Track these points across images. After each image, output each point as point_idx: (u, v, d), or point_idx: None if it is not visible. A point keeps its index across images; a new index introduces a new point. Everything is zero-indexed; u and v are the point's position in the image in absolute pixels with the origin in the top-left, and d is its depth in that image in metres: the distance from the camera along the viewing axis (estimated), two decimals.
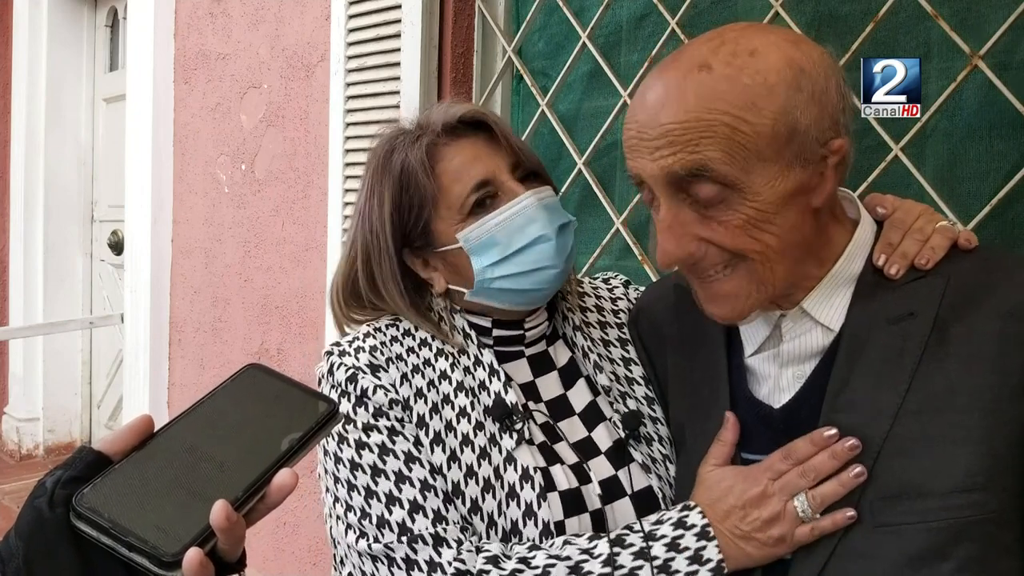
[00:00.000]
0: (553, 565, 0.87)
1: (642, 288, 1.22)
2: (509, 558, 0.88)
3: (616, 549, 0.87)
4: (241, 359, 2.87)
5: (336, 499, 0.95)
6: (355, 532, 0.92)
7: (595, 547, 0.88)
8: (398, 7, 2.16)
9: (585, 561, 0.87)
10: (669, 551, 0.86)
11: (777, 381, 0.91)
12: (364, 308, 1.08)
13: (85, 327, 4.06)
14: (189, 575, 0.54)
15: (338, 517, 0.95)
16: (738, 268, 0.82)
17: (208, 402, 0.65)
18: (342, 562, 0.97)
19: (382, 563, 0.90)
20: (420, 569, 0.88)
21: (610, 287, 1.21)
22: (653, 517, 0.91)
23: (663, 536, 0.87)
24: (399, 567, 0.89)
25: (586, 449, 1.01)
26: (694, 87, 0.78)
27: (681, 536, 0.86)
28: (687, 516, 0.88)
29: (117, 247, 3.94)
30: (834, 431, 0.82)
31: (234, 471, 0.59)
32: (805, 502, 0.82)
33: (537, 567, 0.87)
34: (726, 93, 0.77)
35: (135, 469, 0.59)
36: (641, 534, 0.88)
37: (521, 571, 0.87)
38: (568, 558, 0.87)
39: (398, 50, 2.17)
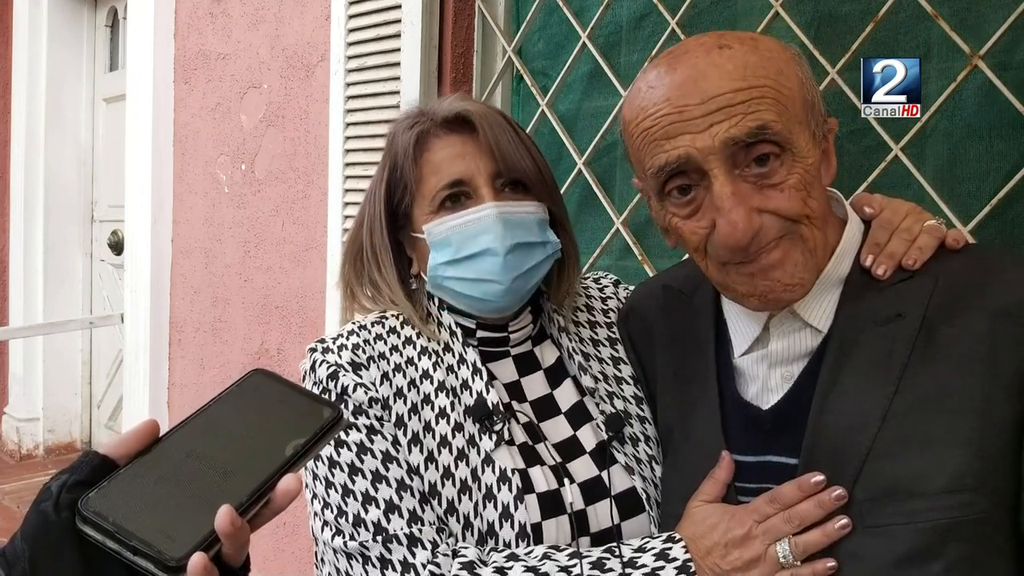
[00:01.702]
0: None
1: (632, 288, 1.22)
2: (486, 564, 0.88)
3: (595, 572, 0.87)
4: (241, 359, 2.87)
5: (314, 495, 0.96)
6: (331, 529, 0.93)
7: (574, 566, 0.87)
8: (398, 7, 2.16)
9: None
10: None
11: (766, 382, 0.91)
12: (373, 287, 1.09)
13: (85, 327, 4.06)
14: None
15: (315, 513, 0.95)
16: (788, 239, 0.82)
17: (213, 407, 0.65)
18: (322, 560, 0.97)
19: (357, 561, 0.91)
20: (394, 569, 0.88)
21: (600, 286, 1.22)
22: (636, 543, 0.91)
23: (643, 566, 0.87)
24: (373, 566, 0.89)
25: (570, 449, 1.01)
26: (727, 60, 0.79)
27: (661, 568, 0.86)
28: (670, 549, 0.88)
29: (117, 247, 3.94)
30: (821, 477, 0.81)
31: (239, 476, 0.59)
32: (787, 548, 0.82)
33: None
34: (760, 62, 0.80)
35: (140, 473, 0.59)
36: (621, 560, 0.88)
37: None
38: (545, 574, 0.87)
39: (398, 50, 2.17)
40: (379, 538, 0.89)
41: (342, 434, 0.94)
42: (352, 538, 0.91)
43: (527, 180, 1.04)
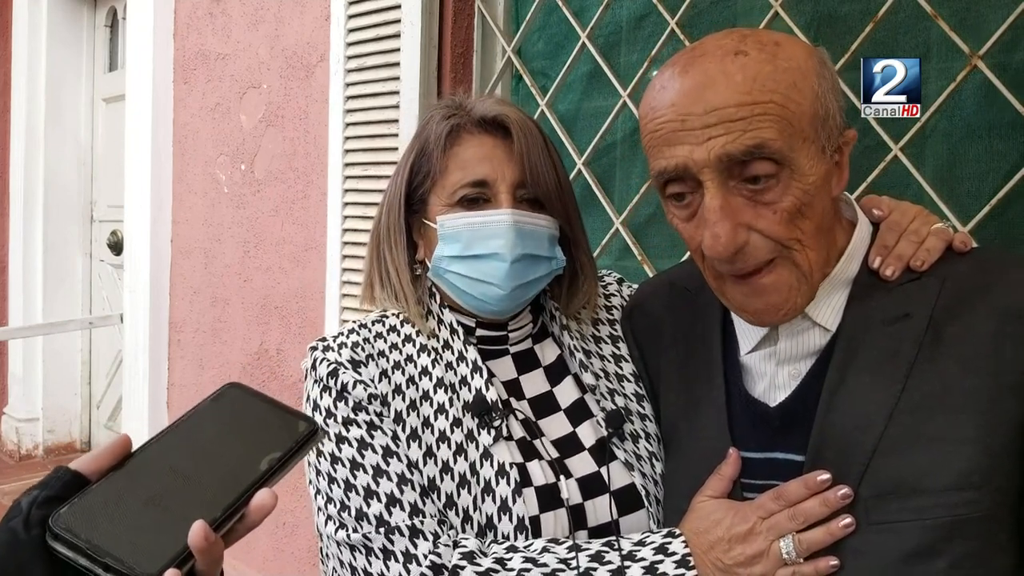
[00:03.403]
0: (528, 570, 0.88)
1: (635, 285, 1.23)
2: (486, 555, 0.89)
3: (594, 564, 0.88)
4: (241, 359, 2.87)
5: (317, 491, 0.97)
6: (335, 523, 0.94)
7: (573, 559, 0.88)
8: (398, 7, 2.16)
9: (561, 571, 0.88)
10: (646, 574, 0.87)
11: (773, 379, 0.91)
12: (385, 272, 1.11)
13: (84, 327, 4.06)
14: None
15: (319, 509, 0.97)
16: (781, 264, 0.82)
17: (187, 421, 0.64)
18: (326, 555, 0.98)
19: (360, 552, 0.92)
20: (396, 560, 0.90)
21: (604, 284, 1.22)
22: (636, 537, 0.91)
23: (642, 559, 0.88)
24: (376, 556, 0.91)
25: (569, 445, 1.02)
26: (740, 70, 0.78)
27: (660, 561, 0.87)
28: (670, 543, 0.89)
29: (116, 247, 3.94)
30: (827, 475, 0.82)
31: (213, 491, 0.59)
32: (791, 544, 0.83)
33: (513, 569, 0.88)
34: (772, 74, 0.78)
35: (112, 489, 0.58)
36: (620, 554, 0.89)
37: (496, 571, 0.88)
38: (544, 565, 0.88)
39: (398, 50, 2.17)
40: (382, 530, 0.91)
41: (343, 431, 0.95)
42: (355, 531, 0.92)
43: (547, 197, 1.05)
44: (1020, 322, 0.79)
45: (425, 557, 0.89)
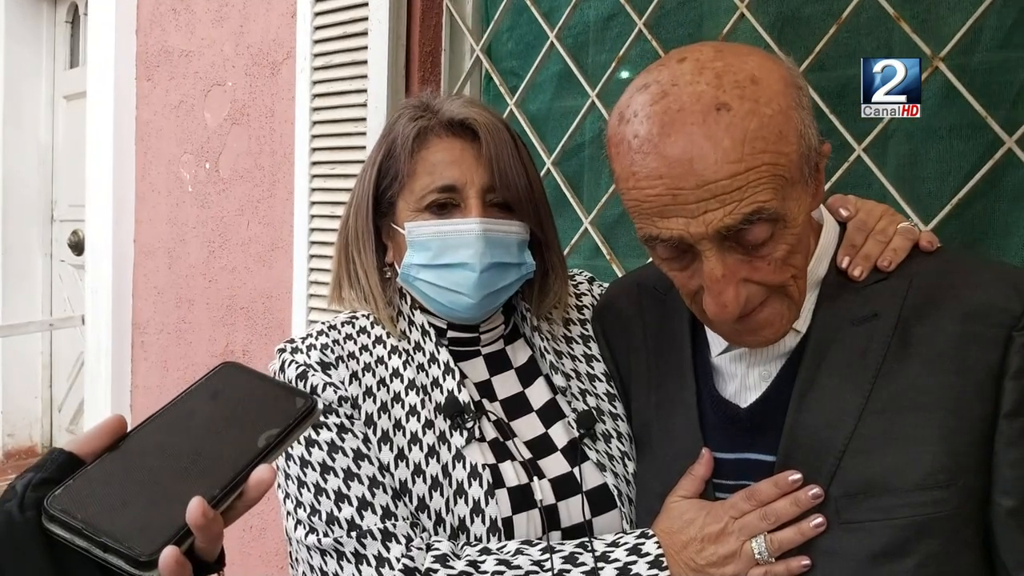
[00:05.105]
0: (502, 572, 0.88)
1: (606, 285, 1.23)
2: (459, 558, 0.89)
3: (567, 566, 0.88)
4: (206, 361, 2.83)
5: (287, 495, 0.96)
6: (305, 527, 0.93)
7: (547, 560, 0.88)
8: (365, 5, 2.14)
9: (535, 573, 0.87)
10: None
11: (744, 381, 0.92)
12: (354, 274, 1.09)
13: (45, 329, 3.98)
14: (166, 574, 0.53)
15: (288, 513, 0.95)
16: (775, 297, 0.82)
17: (182, 400, 0.64)
18: (296, 559, 0.97)
19: (331, 557, 0.91)
20: (368, 564, 0.89)
21: (575, 283, 1.22)
22: (610, 538, 0.92)
23: (616, 560, 0.88)
24: (348, 561, 0.90)
25: (541, 446, 1.02)
26: (726, 131, 0.73)
27: (634, 562, 0.88)
28: (643, 544, 0.89)
29: (78, 247, 3.87)
30: (798, 476, 0.83)
31: (210, 468, 0.58)
32: (763, 544, 0.84)
33: (486, 572, 0.88)
34: (759, 130, 0.73)
35: (108, 469, 0.57)
36: (593, 555, 0.89)
37: (469, 574, 0.88)
38: (518, 567, 0.88)
39: (365, 48, 2.15)
40: (353, 534, 0.90)
41: (313, 434, 0.94)
42: (326, 535, 0.91)
43: (516, 201, 1.03)
44: (985, 323, 0.80)
45: (398, 560, 0.88)
